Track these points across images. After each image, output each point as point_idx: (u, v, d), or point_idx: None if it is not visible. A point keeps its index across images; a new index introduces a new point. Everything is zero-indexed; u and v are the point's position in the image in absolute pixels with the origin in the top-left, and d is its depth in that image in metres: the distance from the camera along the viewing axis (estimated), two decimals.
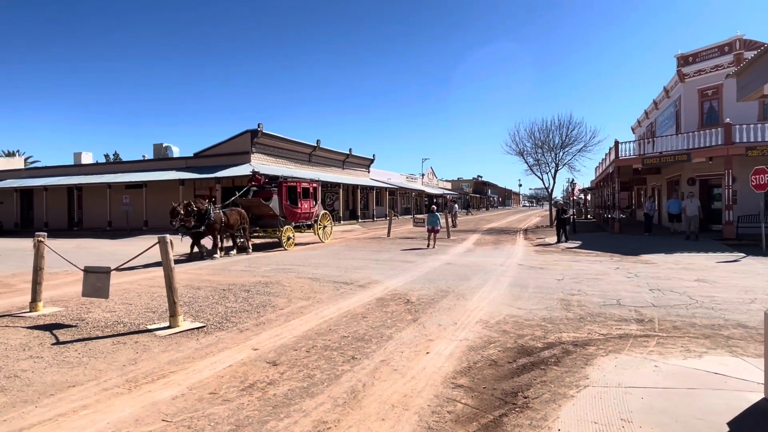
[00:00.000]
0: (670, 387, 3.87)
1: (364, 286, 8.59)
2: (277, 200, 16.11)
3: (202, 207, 13.33)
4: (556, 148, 28.01)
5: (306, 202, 17.42)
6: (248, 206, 16.12)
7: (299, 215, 17.08)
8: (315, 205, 18.14)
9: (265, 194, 16.24)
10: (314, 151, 36.43)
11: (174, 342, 5.28)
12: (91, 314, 6.55)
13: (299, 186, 17.29)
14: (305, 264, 11.86)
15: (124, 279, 9.67)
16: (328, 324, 5.93)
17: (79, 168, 35.75)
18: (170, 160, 32.45)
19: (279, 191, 16.36)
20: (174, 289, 5.77)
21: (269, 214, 16.05)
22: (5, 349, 5.07)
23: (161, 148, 34.44)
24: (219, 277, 9.78)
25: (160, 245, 5.79)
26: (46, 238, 6.95)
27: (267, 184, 16.74)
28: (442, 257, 13.04)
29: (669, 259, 11.69)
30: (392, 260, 12.44)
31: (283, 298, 7.53)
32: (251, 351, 4.93)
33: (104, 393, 3.90)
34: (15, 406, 3.69)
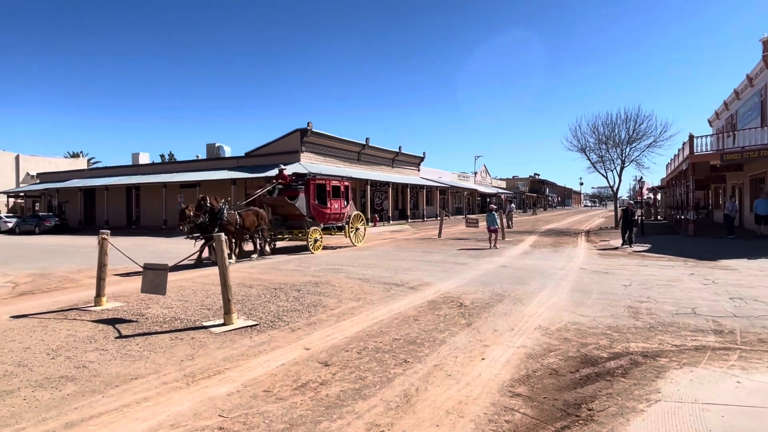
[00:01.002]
0: (756, 406, 3.61)
1: (415, 288, 8.60)
2: (303, 199, 15.49)
3: (215, 205, 12.69)
4: (622, 143, 26.71)
5: (336, 201, 16.64)
6: (273, 205, 15.65)
7: (328, 216, 16.35)
8: (346, 206, 17.27)
9: (291, 192, 15.57)
10: (363, 149, 36.84)
11: (229, 339, 5.53)
12: (150, 310, 6.99)
13: (329, 184, 16.53)
14: (354, 264, 12.03)
15: (180, 276, 10.23)
16: (379, 326, 6.00)
17: (137, 168, 38.11)
18: (222, 159, 33.89)
19: (306, 189, 15.72)
20: (229, 286, 6.04)
21: (295, 214, 15.45)
22: (74, 340, 5.51)
23: (214, 147, 36.06)
24: (270, 276, 10.13)
25: (216, 244, 6.07)
26: (109, 236, 7.48)
27: (294, 182, 16.14)
28: (497, 259, 12.82)
29: (752, 265, 10.87)
30: (444, 262, 12.37)
31: (334, 299, 7.69)
32: (303, 350, 5.08)
33: (164, 386, 4.16)
34: (84, 395, 4.01)
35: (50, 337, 5.63)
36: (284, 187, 15.75)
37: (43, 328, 6.08)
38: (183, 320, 6.39)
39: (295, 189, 15.57)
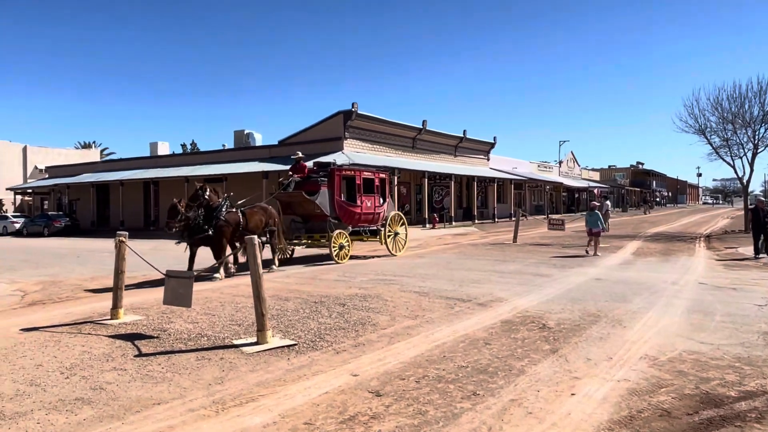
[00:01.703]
0: None
1: (485, 304, 8.56)
2: (326, 195, 14.80)
3: (214, 199, 12.08)
4: (754, 122, 25.21)
5: (368, 198, 15.90)
6: (289, 203, 15.09)
7: (358, 216, 15.58)
8: (383, 204, 16.52)
9: (310, 186, 14.81)
10: (419, 134, 36.87)
11: (263, 361, 5.71)
12: (172, 324, 7.33)
13: (359, 176, 15.82)
14: (410, 274, 12.09)
15: (206, 286, 10.66)
16: (441, 350, 6.00)
17: (156, 160, 40.02)
18: (253, 149, 34.97)
19: (329, 183, 14.95)
20: (262, 299, 6.24)
21: (315, 213, 14.80)
22: (90, 358, 5.88)
23: (243, 135, 37.28)
24: (309, 287, 10.36)
25: (248, 249, 6.28)
26: (126, 238, 7.91)
27: (314, 173, 15.48)
28: (589, 270, 12.50)
29: None
30: (521, 272, 12.22)
31: (386, 316, 7.76)
32: (350, 377, 5.16)
33: (190, 414, 4.35)
34: (102, 420, 4.26)
35: (64, 354, 6.03)
36: (302, 181, 15.14)
37: (56, 343, 6.52)
38: (210, 337, 6.65)
39: (316, 182, 14.90)
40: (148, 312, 8.21)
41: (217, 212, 11.95)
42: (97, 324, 7.51)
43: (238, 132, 38.09)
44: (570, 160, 66.39)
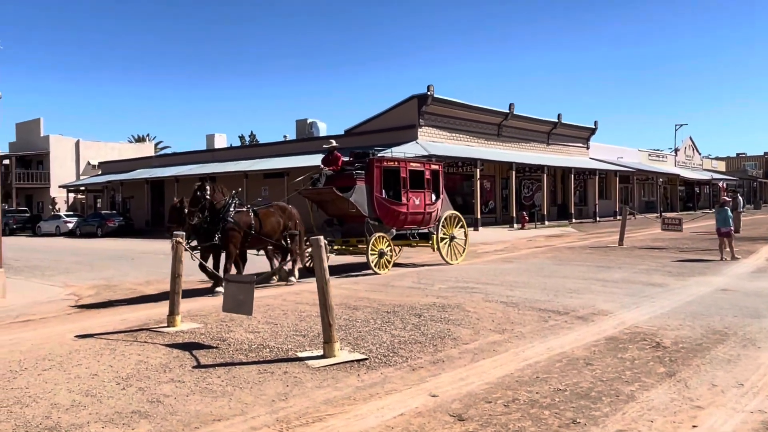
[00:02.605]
0: None
1: (586, 318, 8.36)
2: (363, 191, 14.06)
3: (218, 199, 11.55)
4: None
5: (417, 194, 15.09)
6: (320, 201, 14.71)
7: (404, 217, 14.81)
8: (435, 201, 15.67)
9: (344, 181, 14.23)
10: (505, 119, 36.42)
11: (330, 376, 5.82)
12: (232, 334, 7.62)
13: (405, 168, 14.98)
14: (495, 281, 11.99)
15: (267, 292, 11.03)
16: (533, 369, 5.91)
17: (213, 154, 41.74)
18: (316, 140, 35.69)
19: (367, 176, 14.25)
20: (329, 308, 6.36)
21: (350, 213, 14.17)
22: (146, 368, 6.21)
23: (305, 125, 38.19)
24: (380, 295, 10.47)
25: (314, 250, 6.42)
26: (184, 239, 8.29)
27: (349, 165, 14.87)
28: (712, 279, 11.92)
29: None
30: (629, 281, 11.83)
31: (468, 329, 7.73)
32: (428, 397, 5.17)
33: None
34: None
35: (119, 363, 6.40)
36: (335, 174, 14.51)
37: (111, 351, 6.93)
38: (273, 349, 6.86)
39: (350, 176, 14.22)
40: (206, 319, 8.57)
41: (224, 213, 11.41)
42: (154, 332, 7.92)
43: (301, 121, 39.03)
44: (688, 147, 63.35)
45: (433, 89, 30.77)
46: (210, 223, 11.37)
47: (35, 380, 5.80)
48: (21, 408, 5.00)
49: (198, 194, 11.30)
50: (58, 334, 8.03)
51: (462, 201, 35.62)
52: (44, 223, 42.60)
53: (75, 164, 55.56)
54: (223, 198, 11.64)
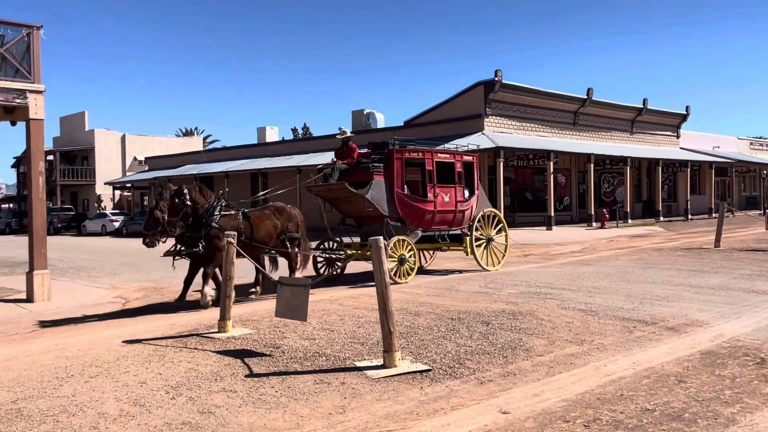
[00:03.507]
0: None
1: (677, 328, 8.12)
2: (381, 186, 13.41)
3: (199, 203, 11.02)
4: None
5: (446, 190, 14.32)
6: (332, 200, 14.25)
7: (431, 216, 14.07)
8: (469, 198, 14.93)
9: (359, 176, 13.60)
10: (583, 106, 35.75)
11: (391, 388, 5.84)
12: (286, 340, 7.74)
13: (431, 160, 14.19)
14: (572, 287, 11.80)
15: (323, 296, 11.18)
16: (617, 386, 5.77)
17: (264, 148, 42.58)
18: (373, 132, 35.97)
19: (387, 170, 13.58)
20: (390, 314, 6.37)
21: (367, 213, 13.58)
22: (197, 376, 6.37)
23: (362, 116, 38.51)
24: (444, 300, 10.44)
25: (373, 252, 6.44)
26: (236, 239, 8.46)
27: (365, 158, 14.15)
28: None
29: None
30: (727, 288, 11.43)
31: (542, 339, 7.64)
32: (498, 414, 5.11)
33: None
34: None
35: (169, 371, 6.59)
36: (349, 168, 13.90)
37: (160, 358, 7.15)
38: (329, 357, 6.93)
39: (366, 169, 13.56)
40: (258, 325, 8.74)
41: (207, 217, 10.89)
42: (204, 337, 8.13)
43: (357, 113, 39.33)
44: None
45: (501, 75, 30.46)
46: (192, 229, 10.86)
47: (82, 388, 6.03)
48: (67, 417, 5.20)
49: (176, 201, 10.72)
50: (105, 338, 8.34)
51: (532, 197, 35.18)
52: (89, 221, 44.36)
53: (121, 160, 57.60)
54: (206, 200, 11.12)
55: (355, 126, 38.82)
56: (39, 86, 12.66)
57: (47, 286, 12.35)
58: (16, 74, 12.65)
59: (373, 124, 37.69)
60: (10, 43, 12.62)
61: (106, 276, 16.41)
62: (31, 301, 12.18)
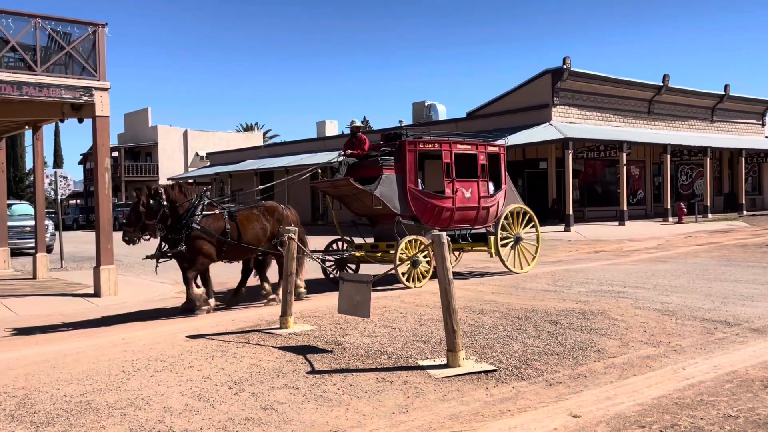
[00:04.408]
0: None
1: (763, 330, 7.88)
2: (392, 182, 12.64)
3: (179, 201, 10.48)
4: None
5: (467, 184, 13.47)
6: (340, 197, 13.56)
7: (450, 214, 13.22)
8: (494, 194, 14.02)
9: (368, 170, 12.90)
10: (658, 94, 34.81)
11: (455, 388, 5.83)
12: (347, 337, 7.82)
13: (448, 152, 13.35)
14: (646, 285, 11.55)
15: (384, 293, 11.25)
16: (696, 390, 5.63)
17: (324, 142, 43.05)
18: (435, 124, 35.90)
19: (399, 163, 12.82)
20: (453, 312, 6.36)
21: (377, 211, 12.87)
22: (259, 372, 6.51)
23: (422, 108, 38.52)
24: (509, 299, 10.36)
25: (435, 248, 6.45)
26: (296, 235, 8.60)
27: (375, 150, 13.38)
28: None
29: None
30: None
31: (614, 339, 7.51)
32: (568, 417, 5.06)
33: None
34: None
35: (231, 366, 6.76)
36: (358, 162, 13.26)
37: (223, 353, 7.33)
38: (391, 355, 6.98)
39: (374, 163, 12.81)
40: (319, 321, 8.86)
41: (188, 218, 10.38)
42: (266, 333, 8.29)
43: (418, 105, 39.34)
44: None
45: (570, 62, 29.91)
46: (173, 231, 10.43)
47: (148, 382, 6.24)
48: (134, 411, 5.40)
49: (151, 203, 10.26)
50: (169, 333, 8.61)
51: (603, 191, 34.46)
52: None
53: (183, 155, 59.24)
54: (186, 199, 10.57)
55: (416, 118, 38.85)
56: (104, 83, 13.13)
57: (114, 281, 12.82)
58: (83, 72, 13.16)
59: (434, 116, 37.63)
60: (77, 41, 13.13)
61: (170, 271, 16.88)
62: (98, 296, 12.68)
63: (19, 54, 12.79)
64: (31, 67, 12.58)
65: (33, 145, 17.58)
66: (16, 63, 12.98)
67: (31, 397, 5.80)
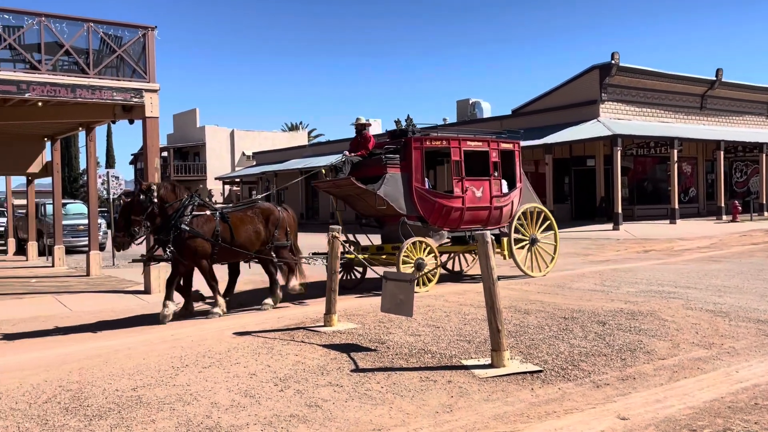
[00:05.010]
0: None
1: None
2: (396, 181, 12.11)
3: (168, 200, 10.24)
4: None
5: (478, 183, 12.83)
6: (344, 197, 13.20)
7: (459, 214, 12.59)
8: (508, 193, 13.39)
9: (372, 168, 12.43)
10: (711, 89, 33.96)
11: (499, 389, 5.81)
12: (391, 336, 7.84)
13: (457, 149, 12.75)
14: (698, 285, 11.29)
15: (427, 292, 11.22)
16: (751, 394, 5.49)
17: None
18: (479, 122, 35.69)
19: (404, 161, 12.27)
20: (497, 311, 6.32)
21: (381, 211, 12.38)
22: (303, 369, 6.58)
23: (467, 105, 38.36)
24: (555, 298, 10.24)
25: (480, 247, 6.41)
26: (341, 233, 8.65)
27: (380, 149, 12.85)
28: None
29: None
30: None
31: (665, 341, 7.37)
32: (616, 420, 4.99)
33: None
34: None
35: (277, 363, 6.84)
36: (362, 161, 12.72)
37: (269, 350, 7.42)
38: (435, 354, 6.96)
39: (378, 162, 12.32)
40: (363, 319, 8.89)
41: (177, 218, 10.08)
42: (310, 331, 8.37)
43: (462, 102, 39.18)
44: None
45: (619, 57, 29.38)
46: (162, 232, 10.18)
47: (196, 377, 6.36)
48: (183, 406, 5.51)
49: (142, 198, 10.06)
50: (217, 329, 8.76)
51: (654, 188, 33.79)
52: None
53: (230, 155, 60.14)
54: (176, 198, 10.29)
55: (460, 116, 38.68)
56: (154, 85, 13.44)
57: (163, 279, 13.09)
58: (133, 74, 13.49)
59: (479, 114, 37.42)
60: (128, 44, 13.47)
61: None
62: (148, 293, 12.99)
63: (72, 57, 13.20)
64: (84, 70, 12.96)
65: (86, 145, 18.17)
66: (69, 66, 13.40)
67: (84, 390, 5.97)
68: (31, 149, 20.29)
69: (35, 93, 12.33)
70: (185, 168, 59.15)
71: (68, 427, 5.08)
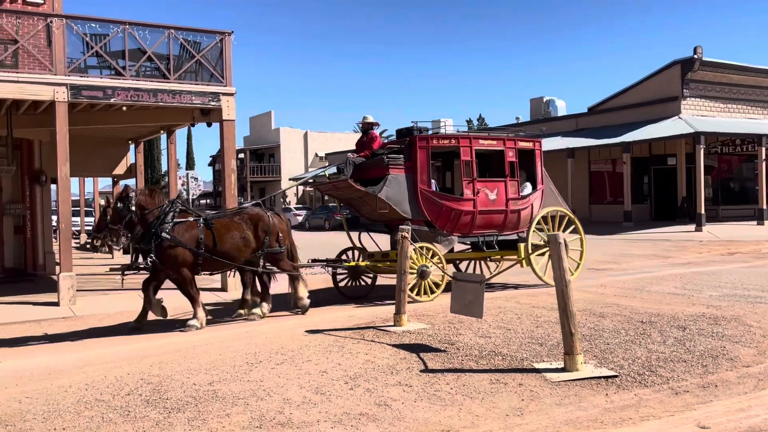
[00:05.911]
0: None
1: None
2: (400, 183, 11.47)
3: (148, 206, 9.89)
4: None
5: (492, 185, 12.11)
6: (347, 200, 12.75)
7: (470, 218, 11.83)
8: (528, 195, 12.54)
9: (374, 169, 11.80)
10: None
11: (572, 393, 5.70)
12: (461, 337, 7.79)
13: (468, 148, 11.97)
14: None
15: (498, 294, 11.15)
16: None
17: None
18: (553, 120, 35.11)
19: (409, 162, 11.63)
20: (570, 314, 6.20)
21: (384, 215, 11.80)
22: (373, 368, 6.62)
23: (541, 104, 37.75)
24: (633, 301, 9.98)
25: (551, 248, 6.31)
26: (410, 234, 8.66)
27: (382, 149, 12.24)
28: None
29: None
30: None
31: (749, 348, 7.07)
32: (695, 428, 4.84)
33: None
34: None
35: (347, 361, 6.91)
36: (365, 161, 12.15)
37: (339, 348, 7.50)
38: (505, 356, 6.89)
39: (380, 162, 11.66)
40: (433, 320, 8.87)
41: (157, 226, 9.69)
42: (380, 330, 8.41)
43: (536, 100, 38.56)
44: None
45: (702, 51, 28.33)
46: (143, 240, 9.82)
47: (269, 374, 6.49)
48: (256, 401, 5.64)
49: (119, 206, 9.84)
50: (289, 327, 8.92)
51: (740, 188, 32.42)
52: None
53: (303, 156, 61.11)
54: (156, 204, 9.95)
55: (534, 115, 38.07)
56: (230, 89, 13.81)
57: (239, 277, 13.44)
58: (211, 78, 13.91)
59: (553, 112, 36.76)
60: (206, 49, 13.89)
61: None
62: (225, 291, 13.35)
63: (154, 63, 13.72)
64: (165, 75, 13.45)
65: (167, 148, 18.84)
66: (151, 72, 13.94)
67: (164, 384, 6.18)
68: (117, 152, 21.19)
69: (120, 98, 12.91)
70: (261, 169, 60.45)
71: (149, 418, 5.27)
